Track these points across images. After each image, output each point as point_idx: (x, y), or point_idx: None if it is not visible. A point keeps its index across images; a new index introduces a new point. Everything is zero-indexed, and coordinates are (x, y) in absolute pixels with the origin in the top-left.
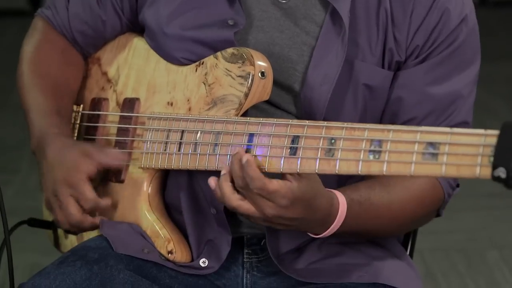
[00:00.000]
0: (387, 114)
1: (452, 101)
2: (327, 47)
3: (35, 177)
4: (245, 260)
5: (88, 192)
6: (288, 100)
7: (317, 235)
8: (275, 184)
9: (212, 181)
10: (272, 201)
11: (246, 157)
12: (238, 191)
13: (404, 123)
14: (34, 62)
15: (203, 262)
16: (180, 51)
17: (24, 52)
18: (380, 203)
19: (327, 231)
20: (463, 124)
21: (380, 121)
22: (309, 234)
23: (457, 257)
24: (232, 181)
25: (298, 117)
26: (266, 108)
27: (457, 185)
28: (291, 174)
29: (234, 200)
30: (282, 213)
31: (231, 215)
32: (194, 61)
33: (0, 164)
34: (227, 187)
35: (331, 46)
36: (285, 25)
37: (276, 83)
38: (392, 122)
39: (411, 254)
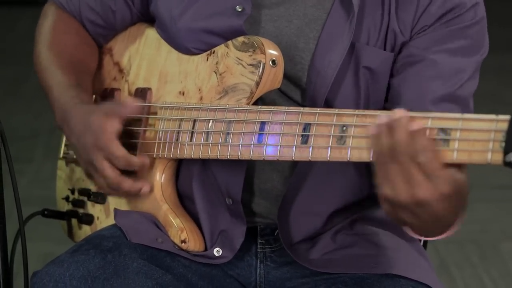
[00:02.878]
0: (392, 93)
1: (457, 73)
2: (333, 34)
3: (48, 166)
4: (258, 250)
5: (118, 150)
6: (294, 89)
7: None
8: (443, 163)
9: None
10: (432, 181)
11: (417, 124)
12: None
13: (409, 97)
14: (50, 41)
15: (217, 251)
16: (192, 42)
17: (39, 34)
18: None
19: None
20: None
21: (386, 98)
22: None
23: (470, 249)
24: None
25: (303, 105)
26: (275, 99)
27: None
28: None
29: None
30: (435, 201)
31: (245, 206)
32: (204, 50)
33: (13, 154)
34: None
35: (338, 32)
36: (294, 15)
37: (284, 72)
38: (397, 101)
39: (425, 246)
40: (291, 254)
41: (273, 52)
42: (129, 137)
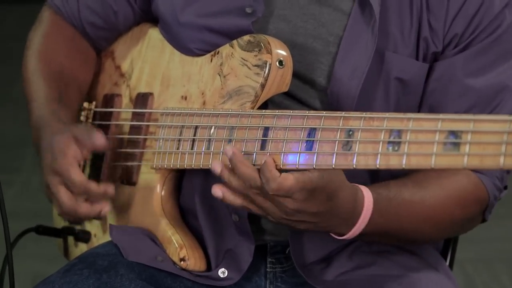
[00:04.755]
0: (424, 109)
1: (497, 93)
2: (355, 38)
3: (38, 177)
4: (268, 270)
5: (75, 175)
6: (313, 95)
7: (342, 235)
8: (290, 179)
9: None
10: (289, 197)
11: (263, 158)
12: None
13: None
14: (40, 50)
15: (222, 272)
16: (195, 42)
17: (31, 41)
18: (413, 200)
19: (352, 230)
20: None
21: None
22: (333, 236)
23: (500, 268)
24: None
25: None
26: (289, 104)
27: (505, 187)
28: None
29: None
30: (302, 207)
31: (254, 222)
32: (208, 51)
33: (0, 163)
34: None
35: (360, 37)
36: (310, 14)
37: (299, 76)
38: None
39: (451, 265)
40: (304, 275)
41: (280, 51)
42: (130, 146)
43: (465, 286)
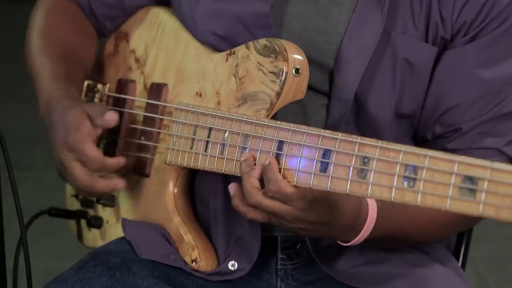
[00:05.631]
0: (430, 98)
1: (504, 86)
2: (364, 18)
3: (50, 174)
4: (279, 267)
5: (90, 151)
6: (320, 78)
7: (347, 242)
8: (291, 187)
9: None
10: (290, 204)
11: (268, 159)
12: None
13: (448, 109)
14: (43, 29)
15: (231, 265)
16: (208, 24)
17: (33, 20)
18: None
19: (357, 238)
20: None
21: (422, 106)
22: (338, 242)
23: None
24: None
25: (330, 96)
26: None
27: None
28: None
29: (256, 195)
30: (303, 216)
31: None
32: (222, 37)
33: (12, 160)
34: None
35: (369, 17)
36: None
37: (309, 60)
38: (435, 107)
39: (463, 264)
40: (317, 260)
41: (297, 57)
42: (143, 136)
43: (478, 285)
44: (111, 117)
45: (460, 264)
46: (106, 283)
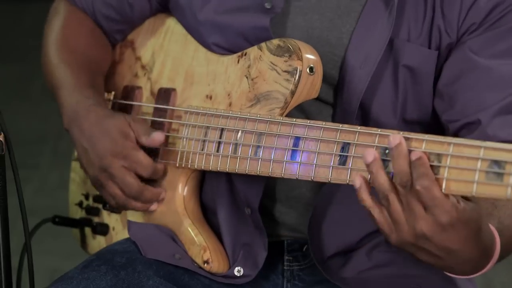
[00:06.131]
0: (441, 98)
1: None
2: (369, 27)
3: (56, 173)
4: (285, 268)
5: (144, 157)
6: (325, 89)
7: (459, 275)
8: (441, 192)
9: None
10: (430, 211)
11: (418, 154)
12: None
13: (465, 104)
14: (61, 39)
15: (237, 271)
16: (212, 36)
17: (49, 32)
18: (510, 223)
19: (475, 274)
20: None
21: (433, 108)
22: (448, 274)
23: None
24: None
25: (335, 106)
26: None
27: None
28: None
29: (387, 188)
30: (436, 233)
31: (269, 215)
32: (226, 49)
33: (17, 159)
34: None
35: (375, 25)
36: (327, 7)
37: None
38: (450, 105)
39: None
40: (323, 271)
41: (311, 57)
42: None
43: (484, 286)
44: (159, 138)
45: None
46: (111, 282)
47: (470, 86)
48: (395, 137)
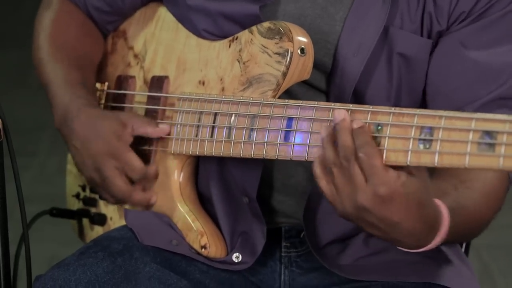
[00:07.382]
0: (430, 88)
1: (503, 70)
2: (362, 14)
3: (54, 161)
4: (283, 254)
5: (135, 160)
6: (318, 77)
7: (405, 249)
8: (381, 162)
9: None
10: (370, 182)
11: (359, 123)
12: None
13: (451, 97)
14: (51, 34)
15: (236, 257)
16: (202, 23)
17: (40, 26)
18: (468, 205)
19: (422, 249)
20: None
21: (423, 97)
22: (397, 246)
23: None
24: None
25: (328, 93)
26: (296, 89)
27: None
28: (400, 166)
29: (332, 161)
30: (376, 205)
31: (266, 204)
32: (217, 36)
33: (16, 147)
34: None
35: (368, 13)
36: None
37: None
38: (437, 94)
39: (466, 251)
40: (319, 258)
41: (301, 39)
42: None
43: (481, 272)
44: (165, 128)
45: (463, 251)
46: (108, 268)
47: (458, 78)
48: (340, 112)
